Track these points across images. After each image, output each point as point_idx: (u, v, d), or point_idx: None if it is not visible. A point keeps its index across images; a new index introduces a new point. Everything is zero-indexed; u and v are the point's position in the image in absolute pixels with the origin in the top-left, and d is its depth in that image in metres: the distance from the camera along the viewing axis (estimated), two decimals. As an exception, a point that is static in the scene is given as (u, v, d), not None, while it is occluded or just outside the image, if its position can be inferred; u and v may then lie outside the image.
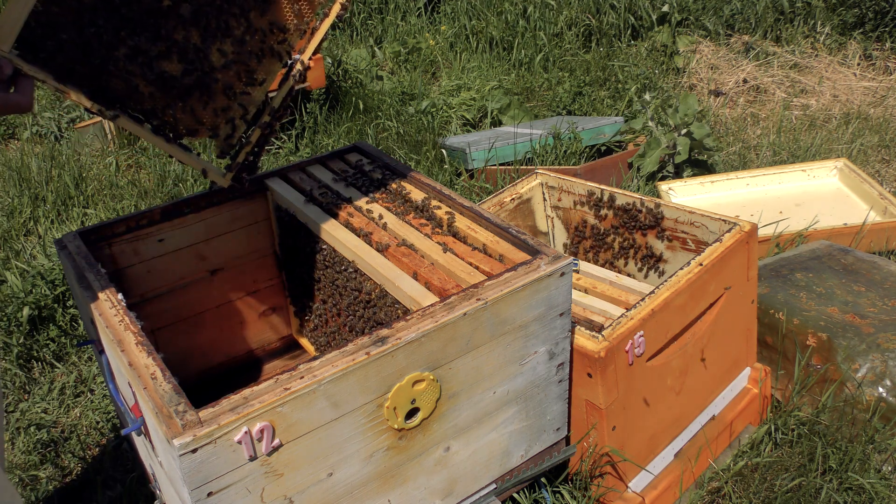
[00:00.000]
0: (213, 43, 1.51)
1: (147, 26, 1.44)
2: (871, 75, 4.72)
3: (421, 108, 4.46)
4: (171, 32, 1.47)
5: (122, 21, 1.42)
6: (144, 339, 1.38)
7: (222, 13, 1.50)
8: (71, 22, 1.39)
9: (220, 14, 1.50)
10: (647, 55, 4.97)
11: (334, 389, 1.30)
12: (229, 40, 1.52)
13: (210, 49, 1.51)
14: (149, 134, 1.52)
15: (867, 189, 3.13)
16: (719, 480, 2.02)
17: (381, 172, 2.00)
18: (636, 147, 3.69)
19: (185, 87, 1.51)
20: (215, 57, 1.52)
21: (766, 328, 2.29)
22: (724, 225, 2.03)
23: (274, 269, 2.17)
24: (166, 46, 1.47)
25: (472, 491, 1.65)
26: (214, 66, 1.52)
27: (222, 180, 1.64)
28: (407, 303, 1.61)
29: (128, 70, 1.46)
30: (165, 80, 1.49)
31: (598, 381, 1.67)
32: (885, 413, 2.05)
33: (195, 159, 1.58)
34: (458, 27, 5.47)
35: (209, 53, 1.51)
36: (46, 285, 2.83)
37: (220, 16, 1.50)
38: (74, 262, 1.64)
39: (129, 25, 1.43)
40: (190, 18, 1.47)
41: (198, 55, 1.50)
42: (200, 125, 1.56)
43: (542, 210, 2.47)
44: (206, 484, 1.20)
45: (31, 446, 2.30)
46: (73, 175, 3.83)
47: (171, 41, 1.47)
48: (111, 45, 1.43)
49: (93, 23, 1.40)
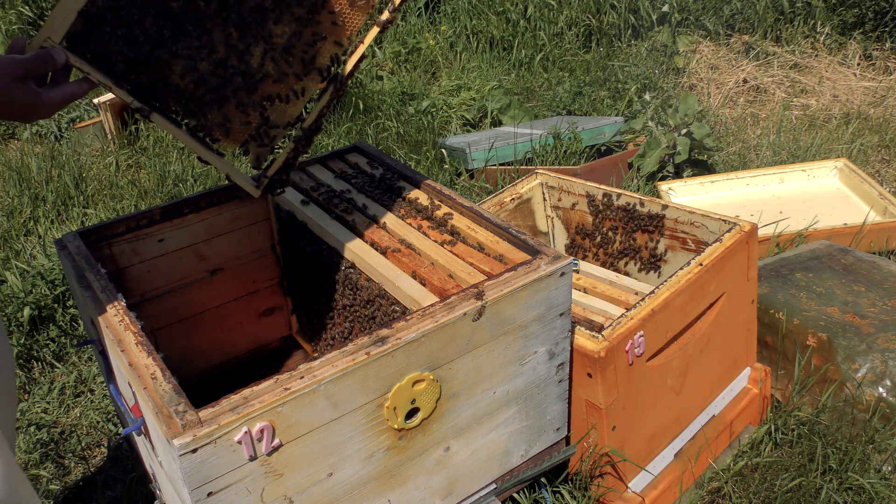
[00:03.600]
0: (256, 53, 1.50)
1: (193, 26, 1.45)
2: (871, 75, 4.72)
3: (421, 108, 4.46)
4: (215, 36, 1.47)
5: (169, 19, 1.43)
6: (144, 339, 1.38)
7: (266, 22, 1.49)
8: (120, 17, 1.40)
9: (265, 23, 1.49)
10: (647, 55, 4.97)
11: (334, 389, 1.30)
12: (273, 52, 1.51)
13: (252, 58, 1.51)
14: (185, 135, 1.53)
15: (867, 189, 3.13)
16: (719, 480, 2.02)
17: (380, 172, 2.00)
18: (636, 147, 3.69)
19: (223, 92, 1.51)
20: (256, 66, 1.51)
21: (766, 328, 2.29)
22: (724, 225, 2.03)
23: (274, 269, 2.17)
24: (209, 50, 1.47)
25: (472, 491, 1.65)
26: (255, 75, 1.52)
27: (254, 191, 1.64)
28: (407, 303, 1.61)
29: (171, 69, 1.46)
30: (206, 83, 1.49)
31: (598, 381, 1.67)
32: (885, 413, 2.05)
33: (227, 166, 1.58)
34: (458, 27, 5.47)
35: (251, 62, 1.51)
36: (46, 285, 2.83)
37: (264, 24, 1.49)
38: (74, 262, 1.64)
39: (175, 24, 1.44)
40: (235, 22, 1.47)
41: (240, 62, 1.50)
42: (236, 133, 1.56)
43: (542, 210, 2.47)
44: (206, 484, 1.20)
45: (32, 446, 2.30)
46: (73, 175, 3.83)
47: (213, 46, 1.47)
48: (157, 42, 1.44)
49: (141, 19, 1.41)
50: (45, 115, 1.32)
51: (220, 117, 1.53)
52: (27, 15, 5.47)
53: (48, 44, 1.35)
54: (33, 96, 1.27)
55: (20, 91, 1.25)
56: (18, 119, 1.31)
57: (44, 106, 1.29)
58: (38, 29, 5.47)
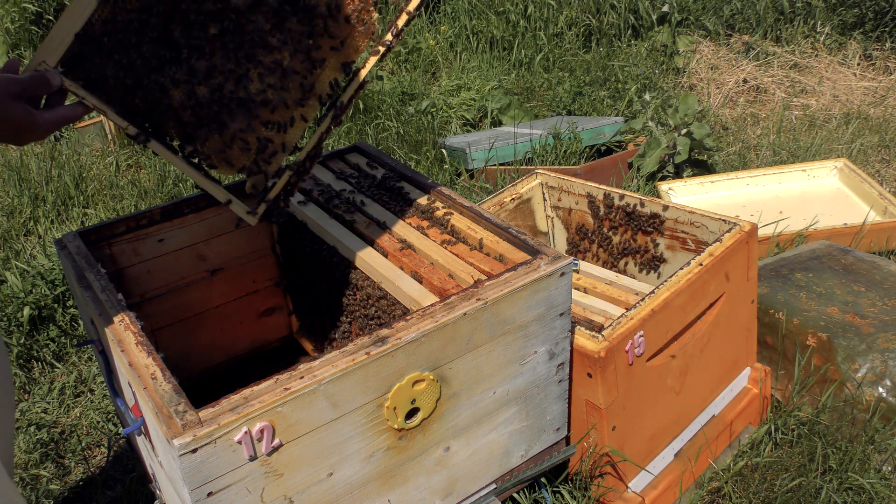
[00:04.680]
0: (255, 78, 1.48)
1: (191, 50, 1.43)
2: (871, 75, 4.72)
3: (421, 108, 4.46)
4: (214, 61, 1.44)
5: (166, 43, 1.41)
6: (144, 339, 1.38)
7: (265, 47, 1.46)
8: (117, 42, 1.39)
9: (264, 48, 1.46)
10: (647, 55, 4.97)
11: (334, 389, 1.30)
12: (271, 77, 1.48)
13: (251, 83, 1.48)
14: (182, 162, 1.49)
15: (867, 189, 3.13)
16: (719, 480, 2.02)
17: (380, 172, 2.00)
18: (636, 147, 3.69)
19: (221, 118, 1.48)
20: (255, 91, 1.48)
21: (766, 328, 2.29)
22: (724, 225, 2.03)
23: (274, 269, 2.17)
24: (207, 75, 1.45)
25: (472, 491, 1.65)
26: (254, 100, 1.49)
27: (250, 218, 1.58)
28: (407, 303, 1.61)
29: (169, 94, 1.44)
30: (204, 108, 1.46)
31: (598, 381, 1.67)
32: (885, 413, 2.05)
33: (225, 194, 1.54)
34: (458, 27, 5.47)
35: (249, 87, 1.48)
36: (46, 285, 2.83)
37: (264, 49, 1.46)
38: (74, 262, 1.64)
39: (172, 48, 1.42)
40: (234, 47, 1.45)
41: (238, 87, 1.47)
42: (234, 160, 1.53)
43: (542, 210, 2.47)
44: (206, 484, 1.20)
45: (32, 446, 2.30)
46: (73, 175, 3.83)
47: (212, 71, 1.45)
48: (155, 67, 1.42)
49: (138, 43, 1.39)
50: (38, 137, 1.29)
51: (218, 143, 1.49)
52: (30, 11, 5.47)
53: (43, 67, 1.33)
54: (29, 116, 1.25)
55: (15, 109, 1.24)
56: (10, 139, 1.28)
57: (38, 127, 1.27)
58: (38, 29, 5.47)
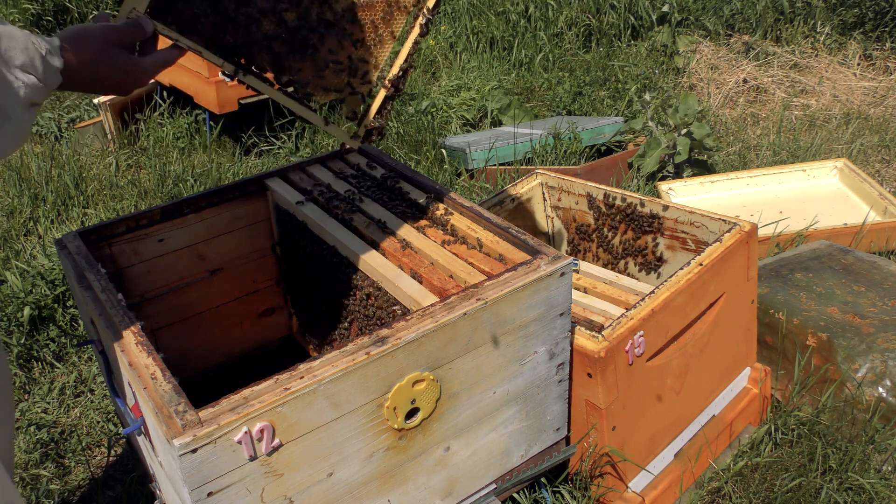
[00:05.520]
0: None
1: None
2: (871, 75, 4.72)
3: (421, 108, 4.46)
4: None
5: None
6: (144, 339, 1.38)
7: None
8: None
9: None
10: (647, 55, 4.97)
11: (334, 389, 1.30)
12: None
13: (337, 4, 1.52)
14: (279, 94, 1.54)
15: (867, 189, 3.13)
16: (719, 480, 2.02)
17: (380, 172, 2.00)
18: (636, 147, 3.69)
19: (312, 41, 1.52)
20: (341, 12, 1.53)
21: (766, 328, 2.29)
22: (724, 225, 2.03)
23: (274, 269, 2.17)
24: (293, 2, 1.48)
25: (472, 491, 1.65)
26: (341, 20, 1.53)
27: (351, 141, 1.68)
28: (407, 303, 1.61)
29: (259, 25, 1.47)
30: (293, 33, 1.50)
31: (598, 381, 1.67)
32: (885, 413, 2.05)
33: (323, 120, 1.61)
34: (458, 27, 5.47)
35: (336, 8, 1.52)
36: (46, 285, 2.83)
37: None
38: (74, 262, 1.64)
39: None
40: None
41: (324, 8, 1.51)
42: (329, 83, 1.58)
43: (542, 210, 2.47)
44: (206, 484, 1.20)
45: (32, 446, 2.30)
46: (73, 175, 3.83)
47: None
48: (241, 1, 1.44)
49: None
50: (141, 82, 1.31)
51: (311, 70, 1.54)
52: (31, 12, 5.47)
53: (134, 14, 1.34)
54: (132, 62, 1.28)
55: (119, 55, 1.26)
56: (115, 89, 1.29)
57: (140, 72, 1.29)
58: (39, 31, 5.47)
